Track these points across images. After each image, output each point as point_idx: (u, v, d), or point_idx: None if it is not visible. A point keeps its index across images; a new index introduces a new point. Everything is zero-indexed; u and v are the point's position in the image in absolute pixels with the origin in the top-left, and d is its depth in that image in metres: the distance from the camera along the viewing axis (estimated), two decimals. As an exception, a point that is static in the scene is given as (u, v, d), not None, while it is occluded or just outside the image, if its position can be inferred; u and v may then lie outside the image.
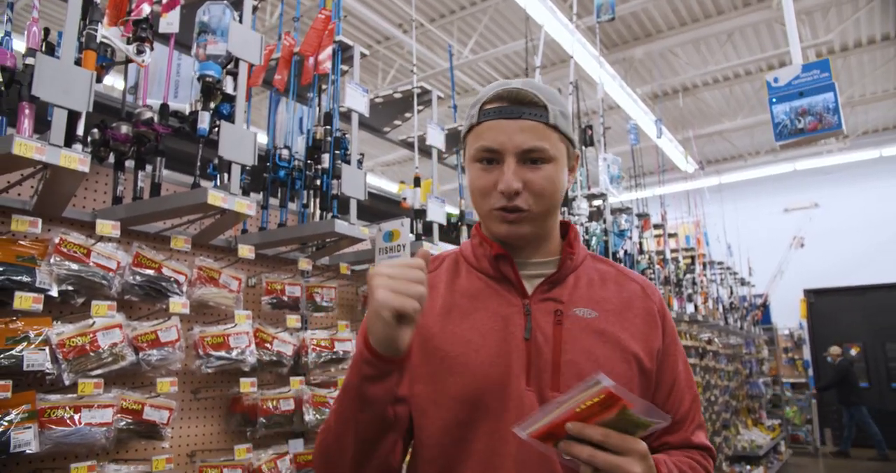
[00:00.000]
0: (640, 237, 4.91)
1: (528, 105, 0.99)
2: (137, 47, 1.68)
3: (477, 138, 1.01)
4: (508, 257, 1.04)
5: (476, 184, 1.02)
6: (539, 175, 0.99)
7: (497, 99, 1.01)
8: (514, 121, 0.98)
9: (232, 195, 1.80)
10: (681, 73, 9.41)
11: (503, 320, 1.01)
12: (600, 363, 0.98)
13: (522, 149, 0.98)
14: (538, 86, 1.02)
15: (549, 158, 0.99)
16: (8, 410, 1.55)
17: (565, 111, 1.04)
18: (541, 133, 0.99)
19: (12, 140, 1.36)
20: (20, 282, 1.60)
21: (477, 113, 1.02)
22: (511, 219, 1.00)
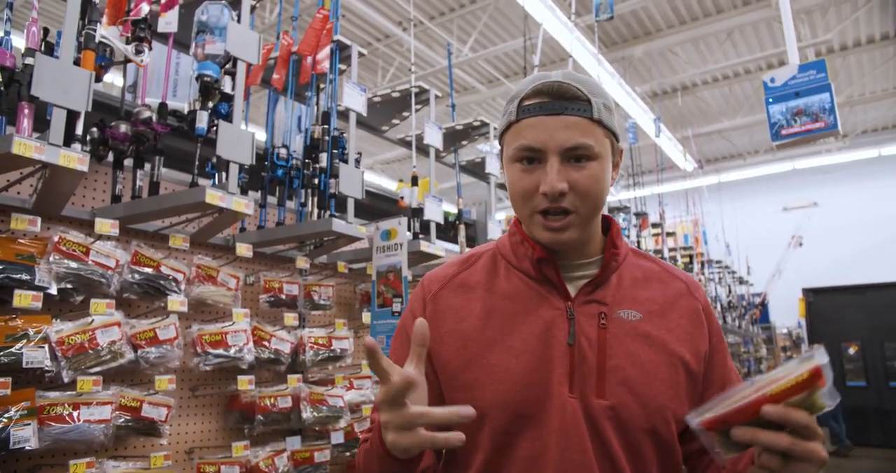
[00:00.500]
0: (639, 236, 4.92)
1: (571, 99, 0.93)
2: (136, 47, 1.70)
3: (516, 137, 0.95)
4: (552, 260, 0.99)
5: (516, 186, 0.96)
6: (584, 174, 0.93)
7: (537, 94, 0.94)
8: (557, 118, 0.92)
9: (230, 194, 1.81)
10: (680, 71, 9.42)
11: (545, 324, 0.97)
12: (646, 368, 0.95)
13: (566, 147, 0.91)
14: (579, 78, 0.96)
15: (594, 156, 0.93)
16: (7, 407, 1.56)
17: (609, 103, 0.97)
18: (585, 129, 0.93)
19: (12, 139, 1.37)
20: (20, 281, 1.61)
21: (515, 109, 0.96)
22: (556, 226, 0.94)
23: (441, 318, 1.02)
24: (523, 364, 0.95)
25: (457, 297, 1.04)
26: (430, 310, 1.04)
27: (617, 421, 0.93)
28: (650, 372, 0.95)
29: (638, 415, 0.93)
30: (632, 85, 8.91)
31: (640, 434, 0.93)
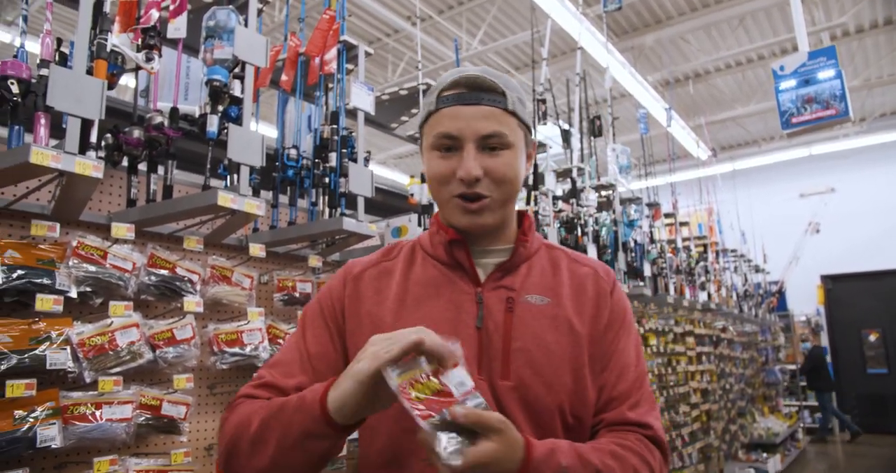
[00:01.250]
0: (651, 227, 4.91)
1: (487, 91, 0.99)
2: (146, 55, 1.73)
3: (435, 125, 1.00)
4: (463, 242, 1.04)
5: (434, 172, 1.01)
6: (499, 161, 0.99)
7: (455, 85, 1.00)
8: (473, 108, 0.98)
9: (241, 196, 1.84)
10: (692, 59, 9.33)
11: (456, 308, 1.01)
12: (550, 349, 0.99)
13: (482, 134, 0.97)
14: (495, 74, 1.02)
15: (508, 144, 0.99)
16: (33, 407, 1.62)
17: (522, 98, 1.04)
18: (500, 119, 0.98)
19: (30, 149, 1.41)
20: (41, 285, 1.66)
21: (435, 100, 1.01)
22: (472, 208, 0.99)
23: (360, 299, 1.07)
24: None
25: (376, 281, 1.09)
26: (350, 289, 1.08)
27: (523, 402, 0.96)
28: (555, 353, 0.99)
29: (543, 395, 0.97)
30: (643, 74, 8.84)
31: (547, 414, 0.97)
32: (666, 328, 5.25)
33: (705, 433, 5.94)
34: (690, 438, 5.51)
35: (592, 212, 3.77)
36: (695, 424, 5.61)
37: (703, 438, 5.83)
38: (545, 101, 3.69)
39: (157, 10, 2.00)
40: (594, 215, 3.84)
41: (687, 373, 5.66)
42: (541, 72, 4.09)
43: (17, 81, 1.51)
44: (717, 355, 6.67)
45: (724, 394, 6.87)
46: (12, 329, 1.64)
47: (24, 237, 1.75)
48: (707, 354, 6.32)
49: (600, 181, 4.33)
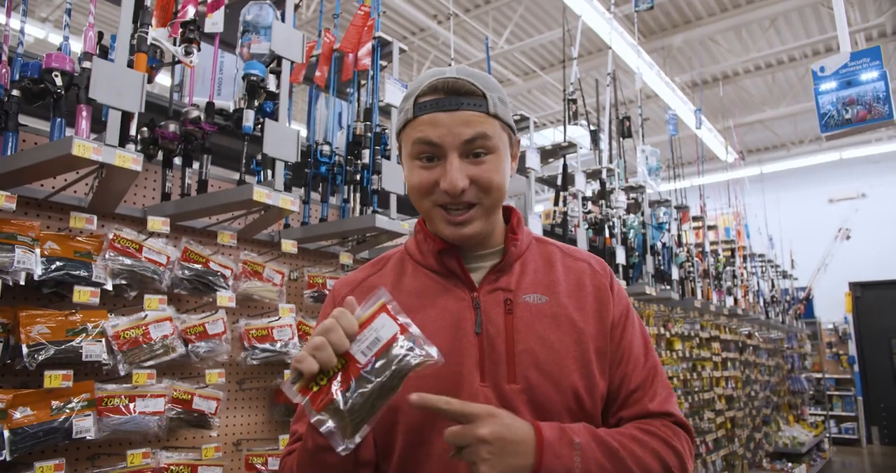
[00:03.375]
0: (679, 230, 4.84)
1: (466, 95, 0.94)
2: (185, 48, 1.73)
3: (413, 133, 0.95)
4: (453, 250, 1.01)
5: (414, 182, 0.97)
6: (484, 168, 0.94)
7: (432, 91, 0.94)
8: (453, 114, 0.92)
9: (276, 191, 1.84)
10: (721, 60, 9.19)
11: (453, 316, 0.98)
12: (555, 348, 0.96)
13: (464, 140, 0.92)
14: (473, 74, 0.97)
15: (492, 148, 0.95)
16: (69, 398, 1.63)
17: (503, 97, 0.99)
18: (482, 123, 0.94)
19: (72, 141, 1.42)
20: (78, 276, 1.67)
21: (412, 107, 0.96)
22: (460, 220, 0.95)
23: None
24: None
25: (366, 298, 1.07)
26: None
27: (533, 404, 0.94)
28: (560, 352, 0.96)
29: (552, 396, 0.94)
30: (671, 75, 8.73)
31: (557, 414, 0.94)
32: (692, 332, 5.17)
33: (729, 440, 5.85)
34: (714, 445, 5.43)
35: (621, 213, 3.72)
36: (719, 431, 5.53)
37: (727, 446, 5.74)
38: (576, 101, 3.65)
39: (195, 5, 2.00)
40: (623, 217, 3.79)
41: (712, 379, 5.58)
42: (571, 72, 4.05)
43: (61, 74, 1.52)
44: (742, 361, 6.57)
45: (749, 401, 6.76)
46: (50, 320, 1.65)
47: (62, 229, 1.76)
48: (732, 360, 6.23)
49: (629, 183, 4.28)
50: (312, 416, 0.78)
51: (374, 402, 0.79)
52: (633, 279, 4.10)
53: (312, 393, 0.78)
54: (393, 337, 0.81)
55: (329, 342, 0.79)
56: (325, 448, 0.83)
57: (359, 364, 0.79)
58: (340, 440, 0.78)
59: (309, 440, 0.87)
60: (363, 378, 0.79)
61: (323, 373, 0.79)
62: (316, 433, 0.83)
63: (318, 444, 0.85)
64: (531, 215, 3.06)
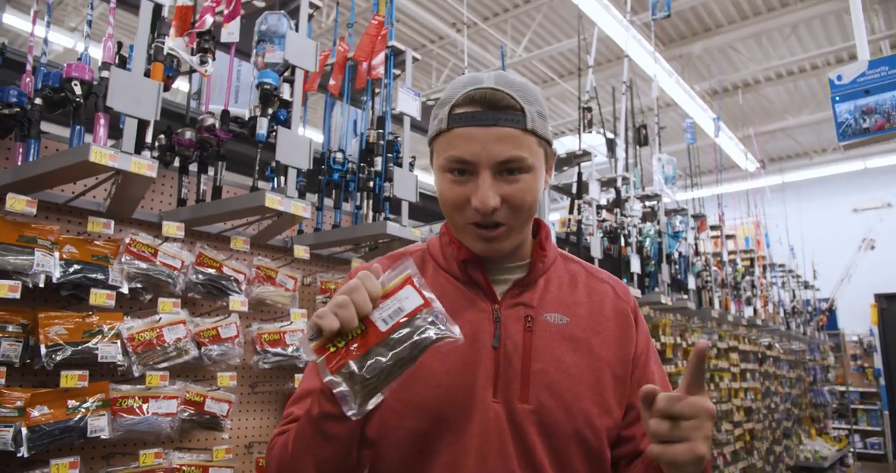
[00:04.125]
0: (696, 239, 4.80)
1: (504, 109, 0.89)
2: (201, 58, 1.78)
3: (447, 146, 0.92)
4: (478, 261, 0.99)
5: (447, 197, 0.94)
6: (517, 187, 0.91)
7: (468, 102, 0.90)
8: (489, 129, 0.88)
9: (288, 198, 1.87)
10: (741, 68, 9.12)
11: (471, 326, 0.95)
12: (570, 372, 0.94)
13: (499, 160, 0.89)
14: (513, 84, 0.92)
15: (527, 168, 0.91)
16: (85, 398, 1.67)
17: (542, 110, 0.95)
18: (518, 141, 0.89)
19: (89, 148, 1.46)
20: (95, 279, 1.72)
21: (447, 117, 0.92)
22: (489, 236, 0.93)
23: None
24: (447, 365, 0.93)
25: None
26: None
27: (541, 426, 0.92)
28: (574, 377, 0.94)
29: (562, 420, 0.92)
30: (690, 83, 8.68)
31: (565, 440, 0.92)
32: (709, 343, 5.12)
33: (748, 453, 5.76)
34: (733, 457, 5.35)
35: (636, 222, 3.71)
36: (737, 443, 5.45)
37: (745, 458, 5.65)
38: (591, 110, 3.65)
39: (212, 15, 2.05)
40: (638, 226, 3.78)
41: (730, 390, 5.50)
42: (587, 80, 4.05)
43: (80, 83, 1.57)
44: (762, 373, 6.47)
45: (769, 414, 6.65)
46: (68, 321, 1.70)
47: (81, 233, 1.81)
48: (752, 371, 6.14)
49: (645, 191, 4.27)
50: (326, 376, 0.76)
51: (391, 371, 0.76)
52: (648, 288, 4.08)
53: (329, 352, 0.76)
54: (416, 308, 0.79)
55: (353, 302, 0.76)
56: (332, 417, 0.80)
57: (380, 331, 0.77)
58: (353, 404, 0.75)
59: (315, 407, 0.83)
60: (382, 345, 0.76)
61: (341, 335, 0.77)
62: (324, 399, 0.81)
63: (325, 412, 0.81)
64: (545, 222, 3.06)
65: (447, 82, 9.63)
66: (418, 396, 0.92)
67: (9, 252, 1.55)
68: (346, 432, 0.83)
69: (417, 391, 0.92)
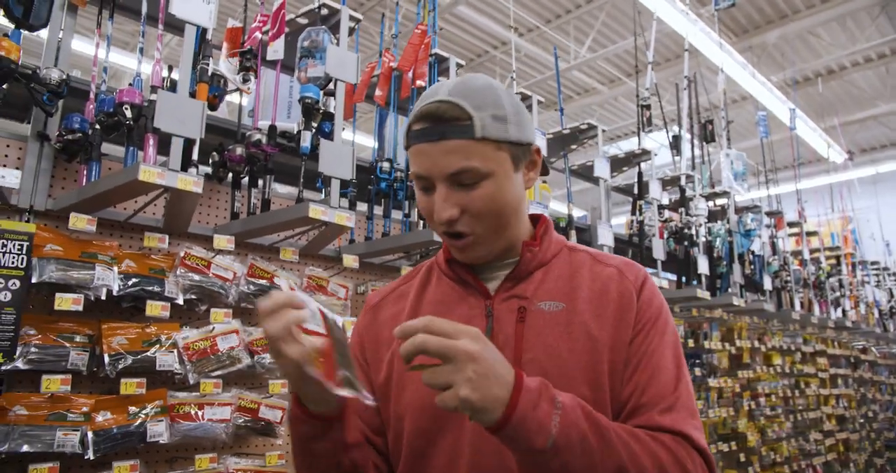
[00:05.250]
0: (773, 237, 4.55)
1: (450, 121, 0.88)
2: (243, 76, 1.84)
3: (411, 162, 0.95)
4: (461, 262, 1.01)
5: (420, 209, 0.98)
6: (475, 196, 0.90)
7: (420, 118, 0.91)
8: (436, 144, 0.89)
9: (332, 208, 1.91)
10: (823, 54, 8.60)
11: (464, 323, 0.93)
12: (563, 358, 0.91)
13: (448, 173, 0.89)
14: (467, 91, 0.91)
15: (483, 175, 0.90)
16: (144, 405, 1.76)
17: (500, 112, 0.91)
18: (468, 151, 0.88)
19: (139, 168, 1.55)
20: (152, 292, 1.81)
21: (405, 135, 0.95)
22: (460, 245, 0.95)
23: (378, 327, 1.06)
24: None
25: (393, 307, 1.07)
26: (367, 320, 1.09)
27: None
28: (568, 362, 0.91)
29: None
30: (766, 74, 8.26)
31: None
32: (792, 346, 4.82)
33: (843, 465, 5.38)
34: (825, 470, 5.01)
35: (702, 221, 3.55)
36: (829, 454, 5.10)
37: (840, 471, 5.28)
38: (650, 107, 3.54)
39: (260, 34, 2.13)
40: (704, 225, 3.62)
41: (819, 397, 5.17)
42: (646, 77, 3.93)
43: (130, 106, 1.67)
44: (856, 378, 6.04)
45: (867, 423, 6.19)
46: (129, 332, 1.80)
47: (141, 248, 1.91)
48: (843, 377, 5.74)
49: (714, 189, 4.08)
50: (334, 391, 0.79)
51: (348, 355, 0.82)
52: (721, 289, 3.89)
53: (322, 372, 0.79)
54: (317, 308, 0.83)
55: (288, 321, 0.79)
56: (311, 438, 0.87)
57: (322, 333, 0.81)
58: (369, 395, 0.80)
59: (294, 433, 0.91)
60: (334, 341, 0.81)
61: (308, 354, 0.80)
62: (298, 424, 0.87)
63: (302, 435, 0.88)
64: (601, 225, 2.99)
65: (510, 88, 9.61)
66: (414, 395, 0.95)
67: (72, 267, 1.66)
68: (330, 446, 0.89)
69: (413, 391, 0.95)
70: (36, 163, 1.80)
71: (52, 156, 1.82)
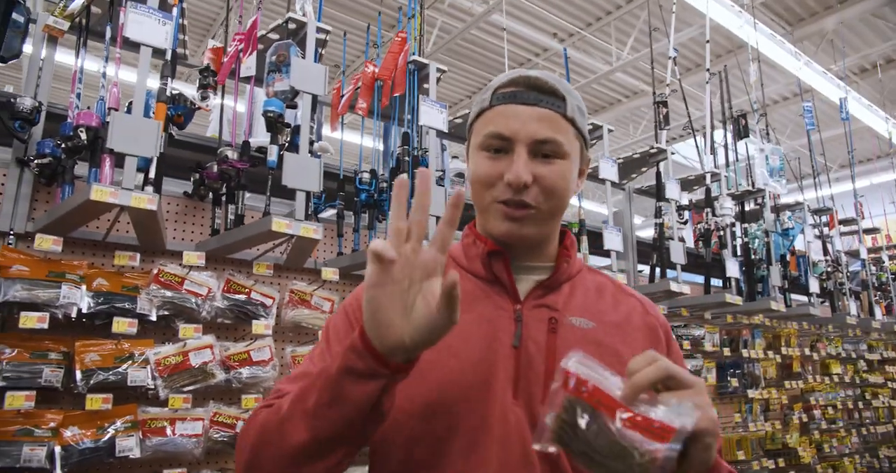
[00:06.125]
0: (825, 236, 4.23)
1: (547, 93, 0.90)
2: (202, 94, 1.87)
3: (486, 124, 0.91)
4: (503, 254, 0.93)
5: (479, 173, 0.91)
6: (551, 169, 0.88)
7: (512, 83, 0.91)
8: (530, 108, 0.89)
9: (297, 221, 1.90)
10: (893, 36, 8.01)
11: (490, 324, 0.90)
12: None
13: (536, 138, 0.87)
14: (557, 78, 0.93)
15: (563, 154, 0.89)
16: (114, 420, 1.79)
17: (582, 107, 0.94)
18: (557, 124, 0.89)
19: (91, 188, 1.58)
20: (123, 309, 1.85)
21: (489, 97, 0.93)
22: (516, 216, 0.89)
23: None
24: (461, 362, 0.86)
25: None
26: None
27: None
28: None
29: None
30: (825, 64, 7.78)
31: None
32: (853, 354, 4.45)
33: (924, 483, 4.89)
34: (901, 488, 4.57)
35: (729, 221, 3.33)
36: (905, 472, 4.65)
37: (920, 490, 4.80)
38: (666, 105, 3.37)
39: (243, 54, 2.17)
40: (732, 226, 3.39)
41: (890, 409, 4.74)
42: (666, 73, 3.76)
43: (86, 129, 1.72)
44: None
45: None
46: (102, 349, 1.84)
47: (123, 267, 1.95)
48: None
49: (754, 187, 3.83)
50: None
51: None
52: (763, 293, 3.63)
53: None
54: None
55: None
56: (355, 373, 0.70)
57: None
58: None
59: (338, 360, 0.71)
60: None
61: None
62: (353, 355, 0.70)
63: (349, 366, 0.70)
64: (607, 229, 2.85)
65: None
66: (427, 395, 0.84)
67: (37, 286, 1.72)
68: (365, 396, 0.70)
69: (428, 388, 0.85)
70: (16, 188, 1.89)
71: (32, 180, 1.90)
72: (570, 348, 0.83)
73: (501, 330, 0.89)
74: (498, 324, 0.89)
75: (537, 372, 0.86)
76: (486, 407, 0.84)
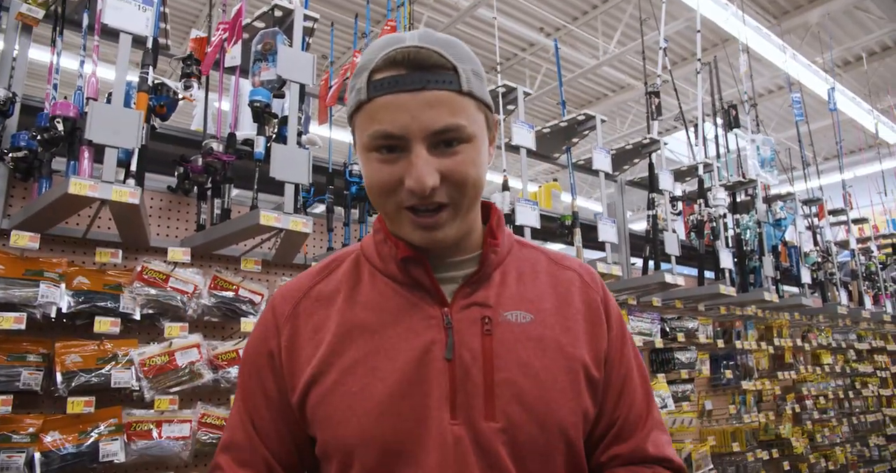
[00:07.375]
0: (815, 226, 4.23)
1: (434, 70, 0.74)
2: (185, 83, 1.80)
3: (369, 121, 0.75)
4: (421, 259, 0.82)
5: (374, 180, 0.78)
6: (458, 160, 0.75)
7: (390, 65, 0.74)
8: (418, 94, 0.73)
9: (286, 214, 1.83)
10: (875, 29, 8.07)
11: (418, 338, 0.80)
12: (541, 378, 0.79)
13: (433, 130, 0.73)
14: (441, 40, 0.77)
15: (467, 137, 0.76)
16: (97, 424, 1.72)
17: (478, 69, 0.80)
18: (454, 105, 0.74)
19: (69, 181, 1.51)
20: (105, 308, 1.78)
21: (365, 86, 0.76)
22: (430, 223, 0.77)
23: (300, 345, 0.85)
24: (390, 387, 0.78)
25: (315, 315, 0.86)
26: (286, 337, 0.86)
27: (513, 446, 0.77)
28: (546, 383, 0.79)
29: (537, 436, 0.78)
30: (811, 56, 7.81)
31: (542, 459, 0.78)
32: (843, 344, 4.46)
33: (913, 472, 4.93)
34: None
35: (722, 212, 3.31)
36: (895, 461, 4.68)
37: (910, 478, 4.84)
38: (658, 95, 3.34)
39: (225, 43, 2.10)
40: (724, 217, 3.37)
41: (879, 398, 4.76)
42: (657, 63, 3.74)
43: (63, 120, 1.64)
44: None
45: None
46: (84, 350, 1.77)
47: (105, 265, 1.88)
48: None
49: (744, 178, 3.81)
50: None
51: None
52: (755, 285, 3.62)
53: None
54: None
55: None
56: None
57: None
58: None
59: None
60: None
61: None
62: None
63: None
64: (601, 220, 2.82)
65: (542, 88, 9.43)
66: (361, 428, 0.78)
67: (13, 285, 1.64)
68: None
69: (359, 422, 0.78)
70: (-9, 183, 1.80)
71: (7, 174, 1.82)
72: (509, 349, 0.80)
73: (431, 341, 0.80)
74: (427, 336, 0.80)
75: (475, 383, 0.78)
76: (422, 433, 0.76)
